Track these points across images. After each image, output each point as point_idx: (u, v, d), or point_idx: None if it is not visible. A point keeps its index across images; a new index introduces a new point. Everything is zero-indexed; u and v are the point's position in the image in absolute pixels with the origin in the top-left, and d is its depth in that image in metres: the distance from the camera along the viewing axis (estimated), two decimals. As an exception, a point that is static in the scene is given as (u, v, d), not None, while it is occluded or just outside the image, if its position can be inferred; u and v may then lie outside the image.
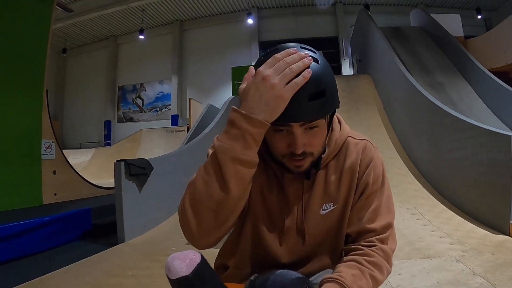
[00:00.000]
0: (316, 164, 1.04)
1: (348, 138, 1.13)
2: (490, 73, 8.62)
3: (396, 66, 8.25)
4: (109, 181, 8.47)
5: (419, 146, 6.88)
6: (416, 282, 2.91)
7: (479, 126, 4.83)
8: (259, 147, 0.90)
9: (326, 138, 1.03)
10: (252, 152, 0.88)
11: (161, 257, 3.94)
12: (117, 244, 4.54)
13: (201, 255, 0.75)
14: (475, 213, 4.70)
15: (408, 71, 8.12)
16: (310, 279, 1.02)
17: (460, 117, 5.41)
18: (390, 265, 1.04)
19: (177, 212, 0.97)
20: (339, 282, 0.89)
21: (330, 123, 1.03)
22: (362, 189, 1.09)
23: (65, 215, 4.87)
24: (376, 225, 1.05)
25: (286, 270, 0.95)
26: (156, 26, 20.59)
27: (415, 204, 5.43)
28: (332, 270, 1.04)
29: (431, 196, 5.72)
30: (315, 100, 0.86)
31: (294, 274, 0.94)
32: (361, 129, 8.16)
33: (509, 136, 4.15)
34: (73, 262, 3.83)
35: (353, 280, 0.91)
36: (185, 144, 7.53)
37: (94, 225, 5.33)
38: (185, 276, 0.69)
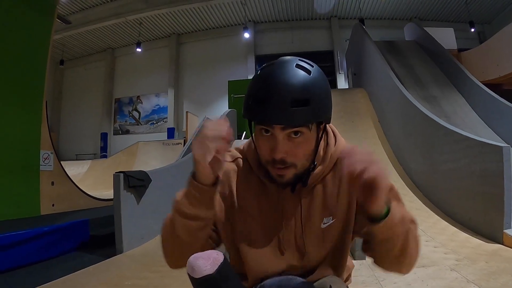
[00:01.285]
0: (303, 180, 1.05)
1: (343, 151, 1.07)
2: (483, 85, 8.74)
3: (390, 80, 8.35)
4: (106, 193, 8.49)
5: (413, 158, 6.95)
6: (411, 290, 2.97)
7: (472, 138, 4.92)
8: (207, 204, 0.99)
9: (314, 153, 1.03)
10: (196, 210, 0.98)
11: (160, 267, 3.96)
12: (115, 255, 4.55)
13: (224, 254, 0.78)
14: (469, 223, 4.77)
15: (403, 85, 8.23)
16: (315, 284, 1.04)
17: (453, 129, 5.50)
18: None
19: None
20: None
21: (319, 138, 1.03)
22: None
23: (63, 225, 4.89)
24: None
25: (291, 276, 1.01)
26: (153, 39, 20.70)
27: (410, 215, 5.48)
28: (337, 278, 1.10)
29: (426, 207, 5.78)
30: (297, 107, 0.90)
31: (300, 279, 0.99)
32: (356, 142, 8.21)
33: (500, 147, 4.25)
34: (71, 272, 3.84)
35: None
36: (182, 157, 7.57)
37: (92, 236, 5.34)
38: (209, 274, 0.71)
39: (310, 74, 0.94)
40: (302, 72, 0.94)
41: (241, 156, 1.19)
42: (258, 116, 0.94)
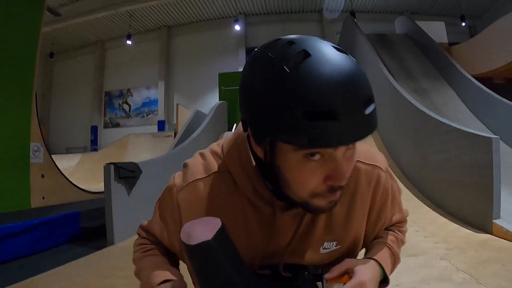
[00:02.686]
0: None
1: (357, 163, 0.89)
2: (472, 78, 8.83)
3: (381, 72, 8.39)
4: (96, 186, 8.45)
5: (404, 151, 7.00)
6: (401, 278, 2.99)
7: (462, 129, 4.98)
8: None
9: None
10: None
11: (151, 258, 3.97)
12: (107, 247, 4.56)
13: (221, 220, 0.68)
14: (459, 214, 4.82)
15: (393, 77, 8.28)
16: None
17: (443, 120, 5.55)
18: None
19: None
20: (386, 245, 0.95)
21: None
22: (380, 226, 0.99)
23: (54, 218, 4.88)
24: (393, 222, 1.04)
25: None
26: (144, 32, 20.53)
27: (401, 206, 5.53)
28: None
29: (416, 198, 5.84)
30: (370, 106, 0.66)
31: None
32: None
33: (489, 138, 4.29)
34: (63, 264, 3.85)
35: (393, 243, 0.97)
36: (173, 148, 7.57)
37: (82, 228, 5.33)
38: (206, 241, 0.62)
39: (354, 60, 0.69)
40: (350, 59, 0.68)
41: (216, 170, 0.88)
42: (328, 136, 0.62)
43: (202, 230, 0.64)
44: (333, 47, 0.67)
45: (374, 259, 0.89)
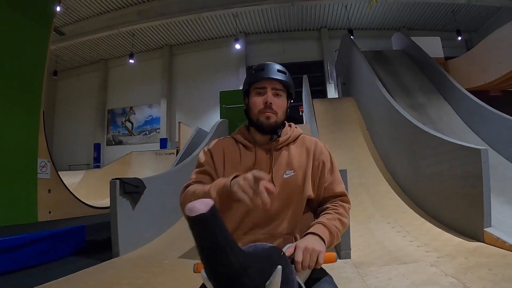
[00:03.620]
0: (277, 132, 1.55)
1: (302, 135, 1.67)
2: (467, 91, 8.98)
3: (377, 89, 8.57)
4: (100, 202, 8.59)
5: (400, 164, 7.15)
6: (392, 284, 3.14)
7: (452, 142, 5.14)
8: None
9: (285, 115, 1.58)
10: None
11: (155, 268, 4.11)
12: (112, 258, 4.70)
13: (213, 201, 0.92)
14: (453, 224, 4.96)
15: (389, 93, 8.46)
16: (284, 249, 1.23)
17: (435, 134, 5.72)
18: (348, 216, 1.54)
19: (168, 230, 1.30)
20: (320, 222, 1.40)
21: (287, 107, 1.61)
22: (321, 168, 1.57)
23: (61, 231, 5.02)
24: (336, 191, 1.58)
25: (260, 243, 1.19)
26: (146, 51, 20.86)
27: (396, 218, 5.67)
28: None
29: (411, 210, 5.96)
30: (281, 73, 1.53)
31: (268, 244, 1.18)
32: (345, 149, 8.47)
33: (479, 149, 4.46)
34: (69, 274, 3.99)
35: (329, 220, 1.43)
36: (175, 165, 7.73)
37: (88, 241, 5.47)
38: (203, 213, 0.86)
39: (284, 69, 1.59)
40: (282, 67, 1.58)
41: (227, 137, 1.68)
42: (259, 75, 1.52)
43: (200, 206, 0.87)
44: (279, 64, 1.59)
45: (311, 233, 1.35)
